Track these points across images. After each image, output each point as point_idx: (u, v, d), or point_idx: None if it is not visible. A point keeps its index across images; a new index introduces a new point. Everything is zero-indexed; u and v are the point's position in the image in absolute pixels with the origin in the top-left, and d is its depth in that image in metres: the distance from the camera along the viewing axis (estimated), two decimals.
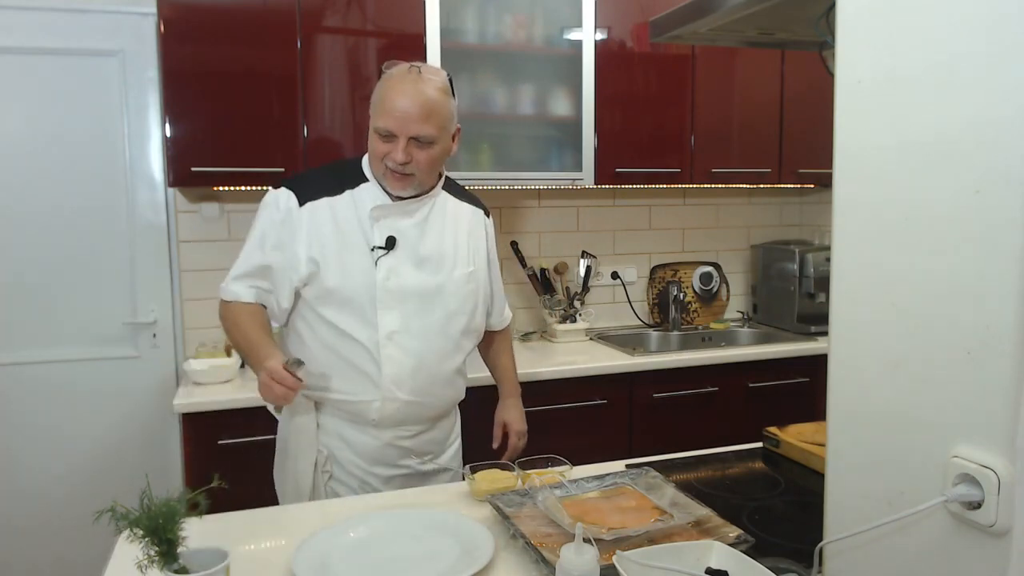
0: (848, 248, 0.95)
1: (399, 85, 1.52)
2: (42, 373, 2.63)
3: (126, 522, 0.98)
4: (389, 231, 1.60)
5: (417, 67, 1.55)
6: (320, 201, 1.59)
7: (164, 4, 2.30)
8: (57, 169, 2.58)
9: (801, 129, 3.03)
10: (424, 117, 1.52)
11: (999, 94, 0.74)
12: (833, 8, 0.95)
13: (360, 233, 1.59)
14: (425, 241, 1.63)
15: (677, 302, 3.19)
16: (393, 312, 1.59)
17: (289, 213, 1.58)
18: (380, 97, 1.55)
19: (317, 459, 1.65)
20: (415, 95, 1.51)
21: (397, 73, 1.55)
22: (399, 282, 1.59)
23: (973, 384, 0.78)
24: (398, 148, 1.52)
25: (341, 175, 1.64)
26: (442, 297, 1.64)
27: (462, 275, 1.68)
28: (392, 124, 1.51)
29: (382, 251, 1.58)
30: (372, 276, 1.58)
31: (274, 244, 1.59)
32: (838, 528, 0.98)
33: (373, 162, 1.60)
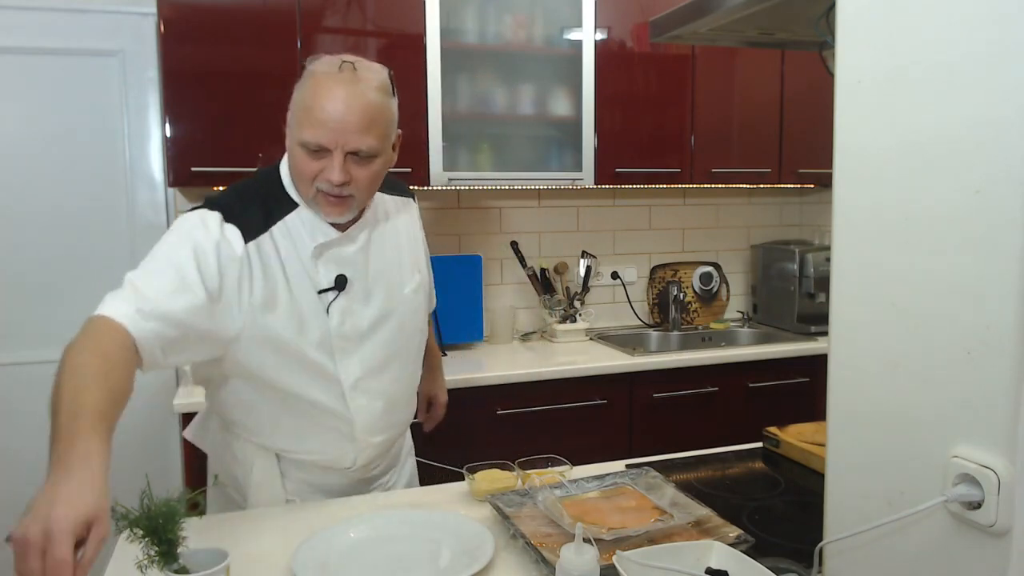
0: (848, 248, 0.95)
1: (331, 87, 1.22)
2: (42, 373, 2.59)
3: (126, 522, 0.97)
4: (337, 268, 1.33)
5: (350, 62, 1.24)
6: (260, 240, 1.29)
7: (164, 4, 2.30)
8: (57, 169, 2.58)
9: (801, 129, 3.03)
10: (365, 127, 1.23)
11: (999, 94, 0.74)
12: (833, 8, 0.95)
13: (303, 275, 1.31)
14: (373, 264, 1.40)
15: (677, 302, 3.19)
16: (353, 357, 1.37)
17: (237, 256, 1.25)
18: (305, 102, 1.23)
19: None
20: (352, 99, 1.22)
21: (326, 71, 1.23)
22: (355, 323, 1.36)
23: (973, 384, 0.78)
24: (334, 166, 1.23)
25: (265, 200, 1.33)
26: (397, 322, 1.44)
27: (412, 290, 1.47)
28: (325, 136, 1.22)
29: (332, 293, 1.33)
30: (325, 324, 1.32)
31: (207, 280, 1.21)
32: (838, 528, 0.98)
33: (300, 184, 1.29)
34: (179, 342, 1.18)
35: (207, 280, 1.21)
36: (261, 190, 1.35)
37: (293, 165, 1.29)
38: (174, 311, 1.16)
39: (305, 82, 1.26)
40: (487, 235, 3.05)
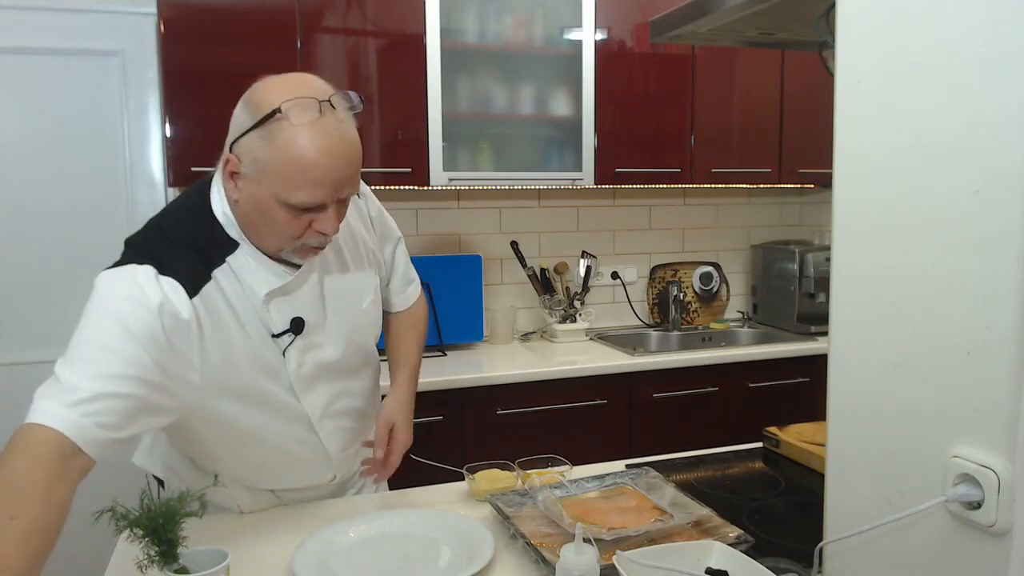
0: (848, 248, 0.95)
1: (320, 139, 1.06)
2: (42, 373, 2.61)
3: (126, 522, 0.98)
4: (291, 310, 1.21)
5: (328, 101, 1.10)
6: (207, 288, 1.12)
7: (164, 4, 2.30)
8: (57, 169, 2.58)
9: (801, 129, 3.03)
10: (356, 171, 1.13)
11: (999, 94, 0.74)
12: (833, 8, 0.95)
13: (254, 319, 1.18)
14: (327, 289, 1.28)
15: (677, 302, 3.19)
16: (315, 390, 1.28)
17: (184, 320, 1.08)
18: (290, 160, 1.05)
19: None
20: (347, 148, 1.09)
21: (307, 121, 1.07)
22: (315, 358, 1.26)
23: (973, 384, 0.78)
24: (329, 219, 1.11)
25: (200, 242, 1.15)
26: (358, 340, 1.36)
27: (371, 301, 1.37)
28: (324, 194, 1.09)
29: (289, 337, 1.21)
30: (282, 368, 1.22)
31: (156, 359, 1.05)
32: (838, 528, 0.98)
33: (271, 237, 1.14)
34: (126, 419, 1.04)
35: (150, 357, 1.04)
36: (193, 229, 1.16)
37: (265, 222, 1.12)
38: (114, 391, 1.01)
39: (277, 133, 1.07)
40: (487, 235, 3.05)
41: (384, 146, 2.55)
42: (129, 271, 1.09)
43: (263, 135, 1.09)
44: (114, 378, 1.01)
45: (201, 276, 1.12)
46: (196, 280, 1.11)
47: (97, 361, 1.03)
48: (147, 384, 1.03)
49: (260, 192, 1.10)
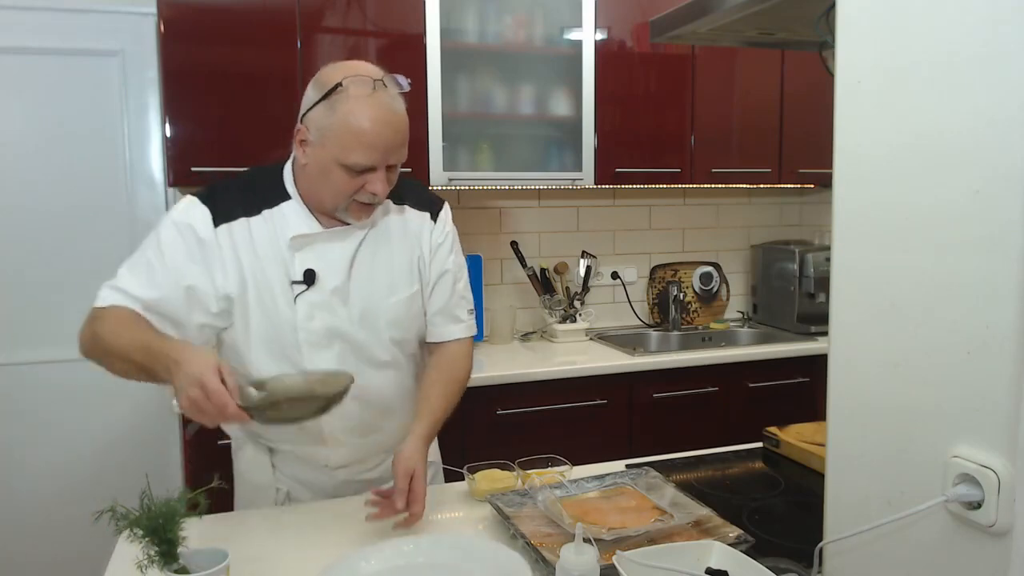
0: (848, 248, 0.95)
1: (372, 110, 1.25)
2: (42, 373, 2.63)
3: (126, 522, 0.98)
4: (311, 262, 1.34)
5: (381, 80, 1.28)
6: (238, 223, 1.33)
7: (164, 4, 2.30)
8: (57, 169, 2.58)
9: (801, 129, 3.03)
10: (403, 141, 1.31)
11: (999, 94, 0.74)
12: (833, 8, 0.95)
13: (279, 263, 1.34)
14: (358, 267, 1.38)
15: (677, 302, 3.19)
16: (323, 353, 1.36)
17: (201, 238, 1.31)
18: (347, 126, 1.25)
19: (276, 499, 1.49)
20: (393, 119, 1.28)
21: (362, 93, 1.26)
22: (326, 321, 1.35)
23: (973, 384, 0.78)
24: (378, 180, 1.29)
25: (258, 190, 1.37)
26: (382, 328, 1.41)
27: (401, 300, 1.43)
28: (374, 158, 1.27)
29: (301, 287, 1.33)
30: (292, 315, 1.34)
31: (177, 266, 1.30)
32: (838, 528, 0.98)
33: (330, 196, 1.32)
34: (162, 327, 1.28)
35: (178, 262, 1.30)
36: (256, 180, 1.40)
37: (327, 181, 1.30)
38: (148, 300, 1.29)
39: (339, 104, 1.26)
40: (487, 235, 3.05)
41: None
42: (182, 201, 1.36)
43: (327, 106, 1.27)
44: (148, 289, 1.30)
45: (236, 214, 1.34)
46: (229, 215, 1.33)
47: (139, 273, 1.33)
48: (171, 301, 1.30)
49: (323, 155, 1.28)
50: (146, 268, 1.31)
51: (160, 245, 1.32)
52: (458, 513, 1.41)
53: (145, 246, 1.34)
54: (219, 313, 1.33)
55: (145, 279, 1.30)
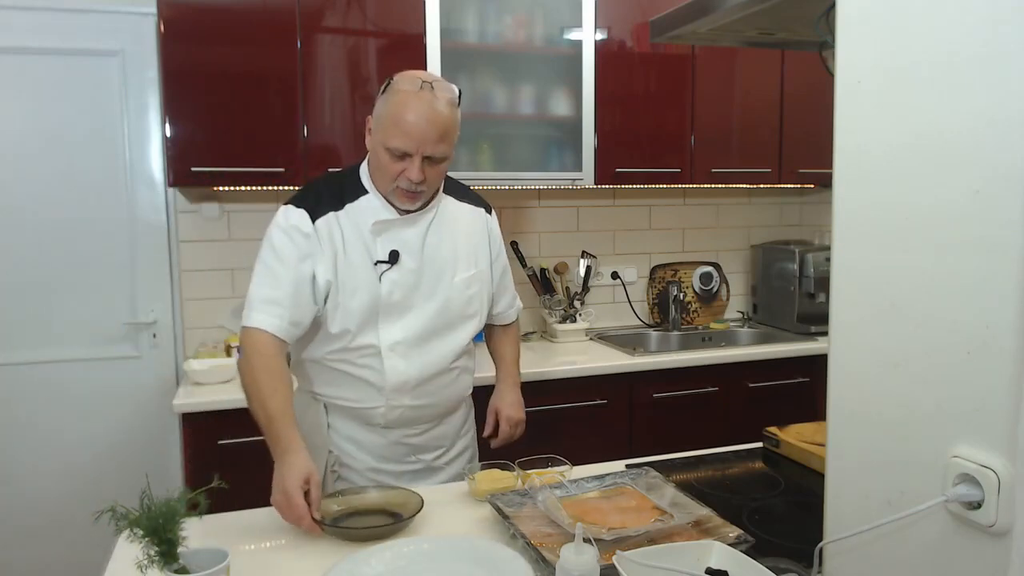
0: (848, 248, 0.95)
1: (414, 103, 1.46)
2: (42, 373, 2.63)
3: (126, 522, 0.98)
4: (392, 244, 1.56)
5: (429, 83, 1.49)
6: (328, 217, 1.55)
7: (164, 4, 2.30)
8: (57, 169, 2.58)
9: (801, 129, 3.03)
10: (440, 137, 1.48)
11: (999, 94, 0.74)
12: (833, 8, 0.95)
13: (363, 248, 1.56)
14: (428, 248, 1.60)
15: (677, 302, 3.19)
16: (396, 324, 1.57)
17: (306, 234, 1.53)
18: (392, 114, 1.47)
19: (328, 459, 1.64)
20: (432, 115, 1.46)
21: (409, 89, 1.47)
22: (403, 294, 1.57)
23: (973, 384, 0.78)
24: (414, 167, 1.48)
25: (340, 188, 1.59)
26: (445, 304, 1.62)
27: (463, 280, 1.65)
28: (409, 144, 1.46)
29: (386, 265, 1.55)
30: (377, 291, 1.55)
31: (295, 263, 1.52)
32: (838, 528, 0.98)
33: (381, 179, 1.55)
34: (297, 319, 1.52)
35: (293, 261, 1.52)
36: (339, 179, 1.63)
37: (377, 164, 1.54)
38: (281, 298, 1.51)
39: (390, 97, 1.49)
40: None
41: None
42: (280, 210, 1.57)
43: (383, 99, 1.51)
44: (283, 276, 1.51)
45: (327, 209, 1.55)
46: (321, 211, 1.54)
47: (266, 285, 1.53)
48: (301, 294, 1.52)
49: (376, 140, 1.52)
50: (270, 277, 1.52)
51: (276, 251, 1.53)
52: (458, 513, 1.41)
53: (263, 257, 1.54)
54: (324, 298, 1.54)
55: (270, 293, 1.51)
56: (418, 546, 1.22)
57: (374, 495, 1.43)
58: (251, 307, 1.52)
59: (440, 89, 1.49)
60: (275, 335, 1.49)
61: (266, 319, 1.49)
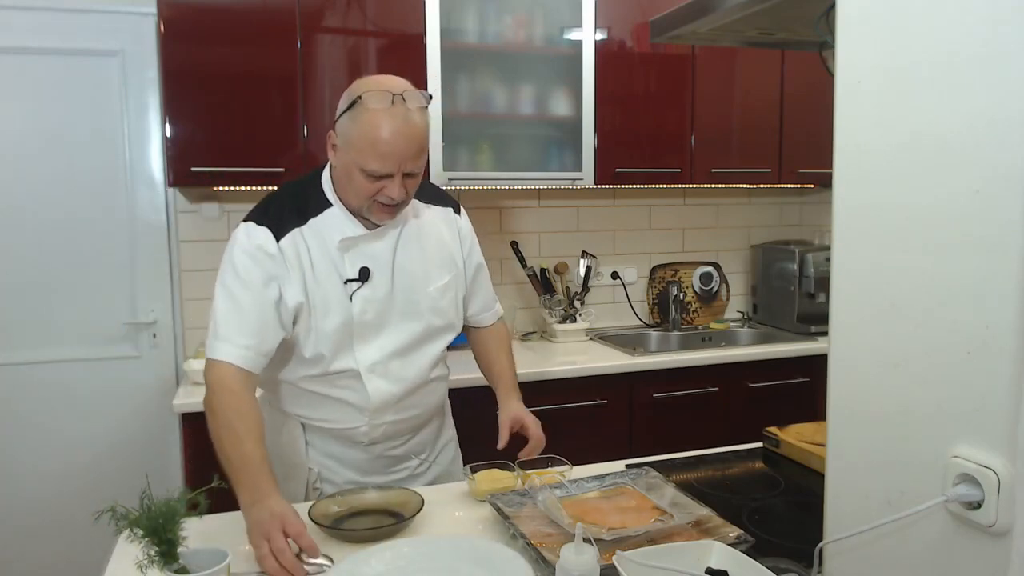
0: (848, 248, 0.95)
1: (387, 122, 1.35)
2: (42, 373, 2.63)
3: (126, 522, 0.98)
4: (361, 261, 1.48)
5: (400, 95, 1.37)
6: (292, 234, 1.45)
7: (164, 4, 2.30)
8: (57, 169, 2.58)
9: (801, 129, 3.03)
10: (419, 152, 1.40)
11: (999, 94, 0.74)
12: (833, 8, 0.95)
13: (330, 265, 1.47)
14: (399, 261, 1.52)
15: (677, 302, 3.19)
16: (372, 344, 1.51)
17: (271, 254, 1.43)
18: (365, 136, 1.36)
19: (308, 476, 1.59)
20: (408, 131, 1.36)
21: (380, 107, 1.36)
22: (376, 312, 1.50)
23: (973, 384, 0.78)
24: (394, 186, 1.39)
25: (303, 201, 1.49)
26: (420, 316, 1.55)
27: (438, 289, 1.57)
28: (388, 166, 1.37)
29: (356, 284, 1.47)
30: (349, 310, 1.47)
31: (260, 287, 1.42)
32: (838, 528, 0.98)
33: (354, 197, 1.44)
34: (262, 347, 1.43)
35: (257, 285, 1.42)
36: (299, 191, 1.52)
37: (350, 184, 1.43)
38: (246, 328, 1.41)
39: (360, 115, 1.37)
40: (487, 235, 3.04)
41: None
42: (240, 228, 1.47)
43: (351, 116, 1.39)
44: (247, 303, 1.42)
45: (289, 225, 1.46)
46: (283, 228, 1.45)
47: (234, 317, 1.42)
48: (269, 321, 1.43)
49: (347, 160, 1.41)
50: (234, 304, 1.42)
51: (239, 275, 1.43)
52: (458, 513, 1.41)
53: (225, 282, 1.44)
54: (292, 322, 1.46)
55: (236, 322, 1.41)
56: (418, 546, 1.22)
57: (374, 495, 1.43)
58: (216, 336, 1.41)
59: (412, 99, 1.38)
60: (242, 367, 1.39)
61: (232, 350, 1.39)
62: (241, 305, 1.41)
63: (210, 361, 1.41)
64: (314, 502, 1.38)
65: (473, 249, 1.70)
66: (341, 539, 1.28)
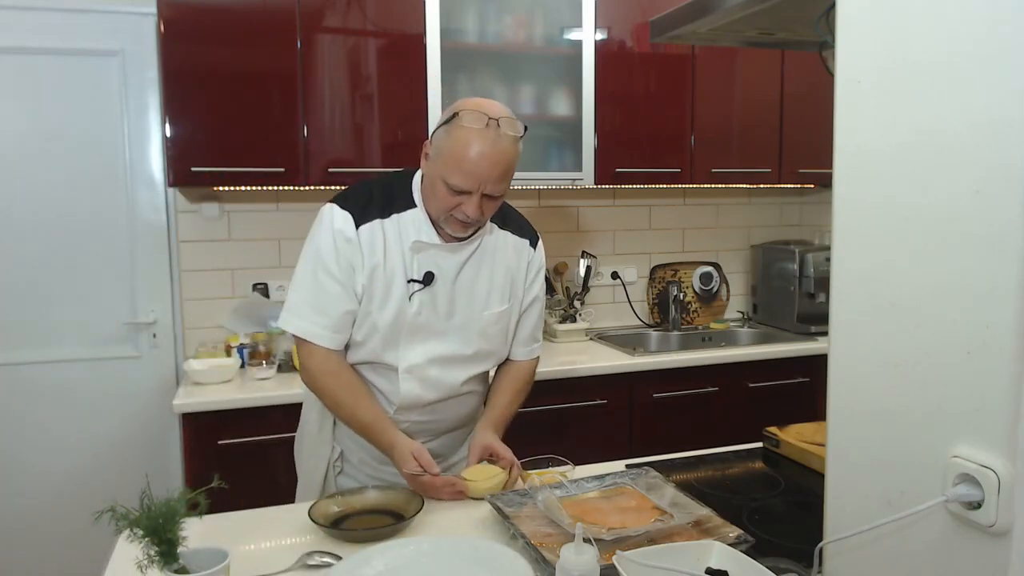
0: (848, 248, 0.95)
1: (477, 142, 1.40)
2: (42, 373, 2.63)
3: (126, 522, 0.98)
4: (429, 266, 1.53)
5: (496, 120, 1.42)
6: (372, 224, 1.51)
7: (164, 4, 2.30)
8: (57, 169, 2.58)
9: (801, 129, 3.03)
10: (501, 176, 1.43)
11: (999, 94, 0.74)
12: (833, 8, 0.95)
13: (400, 262, 1.53)
14: (463, 278, 1.57)
15: (677, 302, 3.19)
16: (418, 347, 1.55)
17: (348, 239, 1.50)
18: (454, 151, 1.41)
19: (331, 456, 1.65)
20: (495, 155, 1.41)
21: (474, 127, 1.41)
22: (429, 318, 1.54)
23: (973, 384, 0.78)
24: (472, 204, 1.43)
25: (390, 195, 1.56)
26: (470, 335, 1.59)
27: (493, 315, 1.60)
28: (470, 184, 1.42)
29: (418, 285, 1.52)
30: (405, 307, 1.52)
31: (345, 275, 1.50)
32: (838, 528, 0.98)
33: (434, 206, 1.50)
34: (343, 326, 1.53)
35: (337, 268, 1.50)
36: (390, 185, 1.59)
37: (433, 193, 1.48)
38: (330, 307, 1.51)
39: (454, 131, 1.43)
40: None
41: (384, 146, 2.55)
42: (326, 208, 1.54)
43: (446, 130, 1.45)
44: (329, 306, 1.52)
45: (373, 216, 1.52)
46: (367, 217, 1.52)
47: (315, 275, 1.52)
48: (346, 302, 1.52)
49: (434, 170, 1.46)
50: (317, 288, 1.51)
51: (323, 259, 1.50)
52: (458, 513, 1.41)
53: (308, 261, 1.53)
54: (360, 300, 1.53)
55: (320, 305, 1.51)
56: (418, 546, 1.22)
57: (374, 495, 1.43)
58: (299, 315, 1.52)
59: (506, 127, 1.42)
60: (331, 348, 1.52)
61: (320, 333, 1.51)
62: (326, 291, 1.51)
63: (300, 341, 1.53)
64: (314, 502, 1.38)
65: (535, 283, 1.70)
66: (341, 539, 1.28)
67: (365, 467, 1.66)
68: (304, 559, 1.20)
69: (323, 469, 1.65)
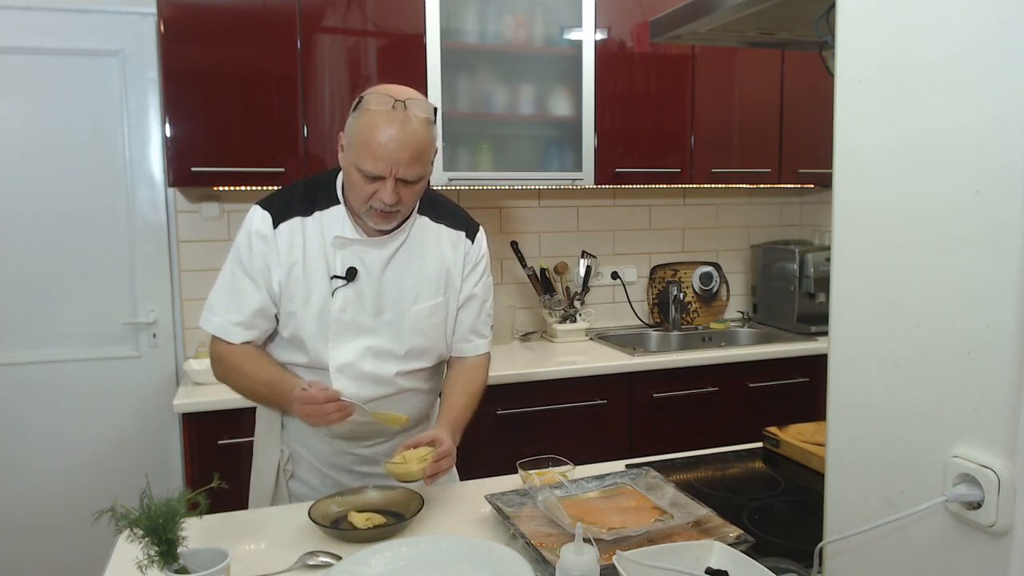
0: (848, 248, 0.95)
1: (385, 125, 1.38)
2: (42, 373, 2.63)
3: (126, 522, 0.98)
4: (352, 261, 1.51)
5: (402, 102, 1.39)
6: (293, 222, 1.51)
7: (164, 4, 2.30)
8: (57, 169, 2.58)
9: (801, 129, 3.03)
10: (413, 159, 1.40)
11: (999, 94, 0.74)
12: (833, 8, 0.95)
13: (322, 259, 1.51)
14: (390, 272, 1.53)
15: (677, 302, 3.19)
16: (347, 345, 1.52)
17: (264, 236, 1.50)
18: (362, 136, 1.40)
19: (280, 459, 1.62)
20: (404, 137, 1.38)
21: (380, 109, 1.39)
22: (356, 315, 1.52)
23: (973, 384, 0.78)
24: (386, 190, 1.41)
25: (314, 193, 1.54)
26: (401, 331, 1.55)
27: (425, 308, 1.56)
28: (380, 167, 1.39)
29: (341, 281, 1.50)
30: (328, 305, 1.50)
31: (261, 275, 1.50)
32: (838, 528, 0.98)
33: (354, 198, 1.47)
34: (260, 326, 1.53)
35: (256, 268, 1.50)
36: (315, 184, 1.58)
37: (350, 183, 1.47)
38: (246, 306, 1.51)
39: (360, 115, 1.41)
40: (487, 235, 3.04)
41: None
42: (250, 209, 1.55)
43: (354, 116, 1.43)
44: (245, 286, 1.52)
45: (293, 213, 1.52)
46: (287, 215, 1.51)
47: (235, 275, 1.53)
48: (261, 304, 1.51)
49: (348, 158, 1.45)
50: (234, 289, 1.52)
51: (240, 260, 1.52)
52: (458, 513, 1.41)
53: (230, 262, 1.54)
54: (278, 300, 1.53)
55: (234, 303, 1.52)
56: (418, 546, 1.22)
57: (374, 495, 1.43)
58: (213, 313, 1.53)
59: (414, 107, 1.40)
60: (233, 342, 1.52)
61: (231, 329, 1.51)
62: (242, 292, 1.51)
63: (214, 339, 1.54)
64: (314, 502, 1.38)
65: (472, 277, 1.64)
66: (341, 539, 1.28)
67: (315, 473, 1.62)
68: (304, 559, 1.20)
69: (273, 472, 1.61)
